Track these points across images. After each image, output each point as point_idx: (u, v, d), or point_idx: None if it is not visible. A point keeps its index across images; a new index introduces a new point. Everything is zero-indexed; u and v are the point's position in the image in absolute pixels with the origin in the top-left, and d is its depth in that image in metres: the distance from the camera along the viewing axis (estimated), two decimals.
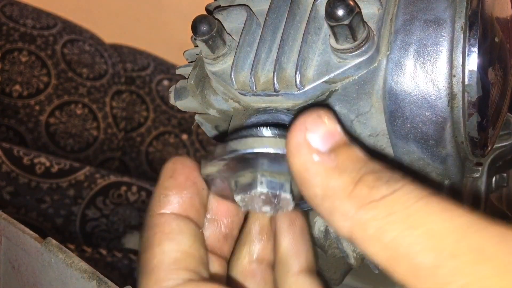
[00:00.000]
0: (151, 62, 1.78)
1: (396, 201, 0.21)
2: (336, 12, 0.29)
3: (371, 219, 0.21)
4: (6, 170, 1.17)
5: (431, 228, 0.20)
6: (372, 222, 0.21)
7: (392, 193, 0.21)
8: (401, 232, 0.20)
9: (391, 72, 0.32)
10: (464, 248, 0.19)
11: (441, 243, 0.20)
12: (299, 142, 0.24)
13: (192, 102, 0.39)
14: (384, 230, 0.21)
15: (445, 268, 0.19)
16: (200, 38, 0.34)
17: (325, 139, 0.24)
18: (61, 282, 0.47)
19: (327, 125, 0.24)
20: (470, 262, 0.19)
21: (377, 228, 0.21)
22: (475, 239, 0.20)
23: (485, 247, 0.19)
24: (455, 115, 0.32)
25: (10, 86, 1.44)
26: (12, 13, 1.53)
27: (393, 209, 0.21)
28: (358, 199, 0.22)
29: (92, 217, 1.22)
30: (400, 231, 0.20)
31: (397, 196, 0.21)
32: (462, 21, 0.32)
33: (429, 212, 0.21)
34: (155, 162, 1.64)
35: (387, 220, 0.21)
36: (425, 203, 0.21)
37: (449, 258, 0.19)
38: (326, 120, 0.24)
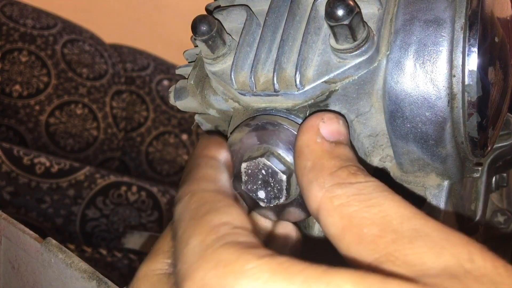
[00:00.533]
0: (151, 62, 1.78)
1: (366, 187, 0.25)
2: (336, 12, 0.29)
3: (340, 194, 0.25)
4: (6, 170, 1.17)
5: (383, 210, 0.24)
6: (340, 196, 0.25)
7: (365, 181, 0.25)
8: (360, 208, 0.24)
9: (391, 72, 0.32)
10: (405, 227, 0.23)
11: (388, 221, 0.23)
12: (312, 125, 0.29)
13: (192, 102, 0.39)
14: (347, 205, 0.25)
15: (385, 238, 0.23)
16: (200, 38, 0.34)
17: (332, 133, 0.29)
18: (61, 282, 0.47)
19: (338, 126, 0.29)
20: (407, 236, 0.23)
21: (342, 201, 0.25)
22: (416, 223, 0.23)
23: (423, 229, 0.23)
24: (455, 115, 0.32)
25: (10, 86, 1.44)
26: (12, 13, 1.53)
27: (361, 191, 0.25)
28: (337, 178, 0.26)
29: (92, 217, 1.22)
30: (360, 207, 0.24)
31: (368, 184, 0.25)
32: (462, 21, 0.32)
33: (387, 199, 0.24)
34: (155, 162, 1.64)
35: (353, 197, 0.25)
36: (386, 194, 0.25)
37: (390, 232, 0.23)
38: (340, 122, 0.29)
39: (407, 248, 0.22)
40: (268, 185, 0.32)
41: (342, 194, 0.25)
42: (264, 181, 0.32)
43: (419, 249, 0.22)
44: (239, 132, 0.33)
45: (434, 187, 0.35)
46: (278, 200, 0.32)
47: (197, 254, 0.24)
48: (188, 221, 0.26)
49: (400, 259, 0.22)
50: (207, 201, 0.28)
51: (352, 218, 0.24)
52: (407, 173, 0.35)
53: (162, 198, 1.32)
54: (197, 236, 0.25)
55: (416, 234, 0.23)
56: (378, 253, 0.23)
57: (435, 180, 0.35)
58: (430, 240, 0.22)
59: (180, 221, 0.27)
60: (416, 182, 0.35)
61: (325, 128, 0.29)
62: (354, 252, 0.24)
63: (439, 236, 0.23)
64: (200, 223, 0.26)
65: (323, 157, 0.27)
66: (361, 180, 0.26)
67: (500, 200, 0.54)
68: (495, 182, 0.48)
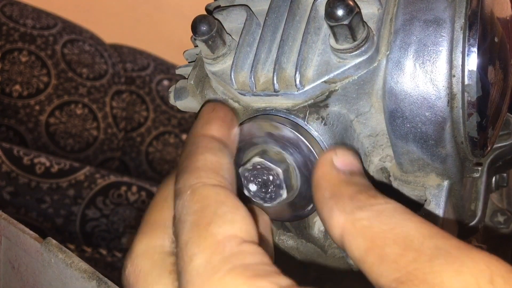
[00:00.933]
0: (151, 62, 1.78)
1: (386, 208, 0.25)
2: (336, 12, 0.29)
3: (362, 217, 0.25)
4: (6, 170, 1.17)
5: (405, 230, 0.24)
6: (363, 219, 0.25)
7: (385, 203, 0.26)
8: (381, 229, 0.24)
9: (391, 72, 0.32)
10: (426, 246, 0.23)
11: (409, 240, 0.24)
12: (325, 158, 0.29)
13: (192, 102, 0.39)
14: (370, 226, 0.25)
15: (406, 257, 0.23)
16: (200, 38, 0.34)
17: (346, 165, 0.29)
18: (61, 282, 0.47)
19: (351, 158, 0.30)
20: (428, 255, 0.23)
21: (364, 224, 0.25)
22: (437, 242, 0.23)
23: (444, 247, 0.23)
24: (455, 115, 0.32)
25: (10, 86, 1.44)
26: (12, 13, 1.53)
27: (382, 213, 0.25)
28: (357, 201, 0.26)
29: (92, 217, 1.22)
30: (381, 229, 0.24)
31: (388, 206, 0.26)
32: (461, 21, 0.32)
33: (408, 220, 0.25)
34: (155, 162, 1.64)
35: (375, 219, 0.25)
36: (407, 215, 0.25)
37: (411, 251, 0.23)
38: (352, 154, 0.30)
39: (427, 267, 0.22)
40: (268, 183, 0.32)
41: (364, 217, 0.25)
42: (263, 180, 0.32)
43: (439, 267, 0.22)
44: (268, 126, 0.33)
45: (434, 187, 0.35)
46: (280, 197, 0.32)
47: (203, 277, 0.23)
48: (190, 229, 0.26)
49: (419, 277, 0.22)
50: (210, 203, 0.26)
51: (375, 239, 0.24)
52: (407, 173, 0.35)
53: None
54: (202, 253, 0.24)
55: (437, 252, 0.23)
56: (398, 272, 0.23)
57: (435, 180, 0.35)
58: (451, 257, 0.22)
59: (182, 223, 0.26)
60: (416, 182, 0.35)
61: (338, 161, 0.29)
62: (376, 272, 0.24)
63: (460, 253, 0.23)
64: (204, 235, 0.25)
65: (341, 185, 0.28)
66: (381, 202, 0.26)
67: (500, 200, 0.54)
68: (495, 182, 0.48)
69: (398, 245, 0.23)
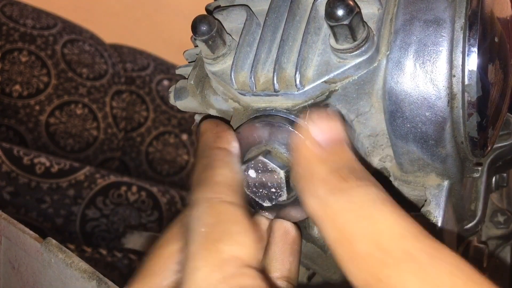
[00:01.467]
0: (151, 62, 1.78)
1: (358, 194, 0.25)
2: (336, 12, 0.29)
3: (332, 202, 0.25)
4: (6, 170, 1.17)
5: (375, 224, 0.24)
6: (332, 205, 0.25)
7: (357, 187, 0.25)
8: (351, 219, 0.24)
9: (391, 72, 0.32)
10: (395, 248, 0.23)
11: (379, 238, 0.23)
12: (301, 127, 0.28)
13: (192, 102, 0.39)
14: (340, 215, 0.24)
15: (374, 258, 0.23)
16: (200, 38, 0.34)
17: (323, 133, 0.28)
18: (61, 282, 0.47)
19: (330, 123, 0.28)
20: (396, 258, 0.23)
21: (334, 211, 0.25)
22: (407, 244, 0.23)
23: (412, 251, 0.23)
24: (455, 115, 0.32)
25: (10, 86, 1.44)
26: (12, 13, 1.53)
27: (352, 199, 0.24)
28: (328, 185, 0.26)
29: (92, 217, 1.22)
30: (351, 218, 0.24)
31: (360, 190, 0.25)
32: (462, 21, 0.32)
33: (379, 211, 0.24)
34: (155, 162, 1.64)
35: (344, 206, 0.24)
36: (380, 203, 0.24)
37: (380, 251, 0.23)
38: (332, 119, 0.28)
39: (393, 271, 0.22)
40: (269, 183, 0.32)
41: (334, 203, 0.25)
42: (264, 180, 0.32)
43: (405, 274, 0.22)
44: (237, 135, 0.33)
45: (434, 187, 0.35)
46: (280, 198, 0.32)
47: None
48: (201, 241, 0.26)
49: (384, 282, 0.22)
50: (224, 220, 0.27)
51: (344, 231, 0.24)
52: (407, 173, 0.35)
53: (162, 198, 1.32)
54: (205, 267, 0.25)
55: (405, 256, 0.23)
56: (367, 274, 0.23)
57: (435, 180, 0.35)
58: (417, 265, 0.22)
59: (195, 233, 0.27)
60: (416, 182, 0.35)
61: (316, 129, 0.28)
62: (345, 267, 0.24)
63: (427, 261, 0.22)
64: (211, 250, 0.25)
65: (315, 162, 0.27)
66: (353, 185, 0.25)
67: (500, 200, 0.54)
68: (495, 182, 0.48)
69: (367, 243, 0.23)
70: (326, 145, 0.27)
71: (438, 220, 0.34)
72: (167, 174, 1.65)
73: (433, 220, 0.34)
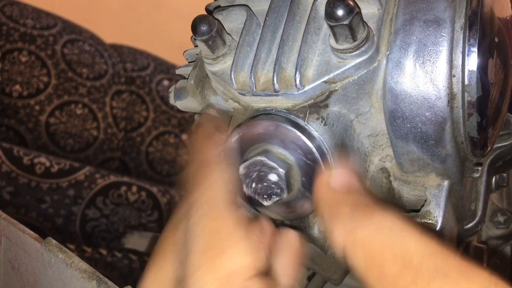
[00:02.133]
0: (151, 62, 1.78)
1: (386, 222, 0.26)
2: (336, 12, 0.29)
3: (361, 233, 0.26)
4: (6, 170, 1.17)
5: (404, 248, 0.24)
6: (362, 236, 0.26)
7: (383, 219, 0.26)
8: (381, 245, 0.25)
9: (391, 72, 0.32)
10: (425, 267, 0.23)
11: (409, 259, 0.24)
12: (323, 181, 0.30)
13: (192, 102, 0.39)
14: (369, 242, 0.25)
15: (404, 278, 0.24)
16: (200, 38, 0.34)
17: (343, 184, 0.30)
18: (61, 282, 0.47)
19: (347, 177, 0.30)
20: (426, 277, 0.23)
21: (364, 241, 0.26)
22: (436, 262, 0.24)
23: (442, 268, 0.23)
24: (455, 115, 0.32)
25: (10, 86, 1.44)
26: (12, 13, 1.53)
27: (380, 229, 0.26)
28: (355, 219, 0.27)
29: (92, 217, 1.22)
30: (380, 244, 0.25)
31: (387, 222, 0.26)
32: (462, 21, 0.32)
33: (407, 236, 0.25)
34: (155, 162, 1.64)
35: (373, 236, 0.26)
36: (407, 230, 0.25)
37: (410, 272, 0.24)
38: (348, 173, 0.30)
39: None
40: (269, 182, 0.32)
41: (363, 234, 0.26)
42: (264, 179, 0.32)
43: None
44: (237, 134, 0.33)
45: (434, 187, 0.35)
46: (280, 197, 0.32)
47: None
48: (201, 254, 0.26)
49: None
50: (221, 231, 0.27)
51: (374, 257, 0.25)
52: (407, 173, 0.35)
53: (162, 198, 1.32)
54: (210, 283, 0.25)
55: (435, 274, 0.23)
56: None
57: (435, 180, 0.35)
58: (448, 280, 0.23)
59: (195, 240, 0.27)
60: (416, 182, 0.35)
61: (335, 182, 0.30)
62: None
63: (458, 277, 0.23)
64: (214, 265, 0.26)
65: (338, 205, 0.28)
66: (379, 217, 0.26)
67: (500, 200, 0.54)
68: (495, 182, 0.48)
69: (397, 264, 0.24)
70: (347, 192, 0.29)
71: (438, 220, 0.34)
72: (167, 174, 1.65)
73: (433, 220, 0.34)
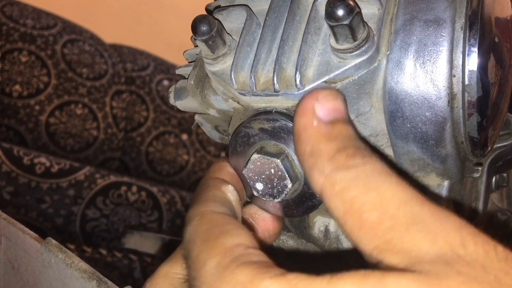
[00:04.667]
0: (151, 62, 1.78)
1: (364, 170, 0.26)
2: (336, 12, 0.29)
3: (340, 179, 0.26)
4: (6, 170, 1.17)
5: (381, 194, 0.25)
6: (340, 181, 0.26)
7: (363, 164, 0.26)
8: (359, 193, 0.25)
9: (391, 72, 0.32)
10: (402, 213, 0.24)
11: (385, 205, 0.24)
12: (307, 107, 0.29)
13: (192, 102, 0.39)
14: (347, 189, 0.26)
15: (383, 224, 0.24)
16: (200, 38, 0.34)
17: (328, 112, 0.29)
18: (61, 282, 0.47)
19: (334, 103, 0.29)
20: (404, 222, 0.24)
21: (342, 186, 0.26)
22: (412, 208, 0.24)
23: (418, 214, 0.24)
24: (455, 115, 0.32)
25: (10, 86, 1.44)
26: (12, 13, 1.53)
27: (359, 175, 0.26)
28: (335, 162, 0.27)
29: (92, 217, 1.22)
30: (358, 192, 0.25)
31: (366, 167, 0.26)
32: (462, 21, 0.32)
33: (384, 183, 0.25)
34: (155, 162, 1.64)
35: (352, 182, 0.26)
36: (384, 176, 0.26)
37: (388, 218, 0.24)
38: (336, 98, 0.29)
39: (404, 235, 0.23)
40: (272, 177, 0.32)
41: (341, 179, 0.26)
42: (266, 176, 0.32)
43: (415, 236, 0.23)
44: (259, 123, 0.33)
45: (434, 187, 0.35)
46: (287, 188, 0.33)
47: (215, 275, 0.25)
48: (201, 244, 0.28)
49: (398, 246, 0.23)
50: (217, 224, 0.29)
51: (353, 203, 0.25)
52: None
53: (162, 198, 1.32)
54: (213, 258, 0.26)
55: (412, 220, 0.24)
56: (377, 240, 0.24)
57: (435, 180, 0.35)
58: (425, 226, 0.24)
59: (193, 243, 0.28)
60: (416, 182, 0.35)
61: (320, 108, 0.29)
62: (356, 237, 0.25)
63: (434, 222, 0.24)
64: (215, 245, 0.27)
65: (321, 141, 0.28)
66: (359, 162, 0.26)
67: (500, 200, 0.54)
68: (495, 182, 0.48)
69: (375, 211, 0.24)
70: (331, 123, 0.29)
71: None
72: (167, 174, 1.65)
73: None
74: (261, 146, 0.33)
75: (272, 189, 0.33)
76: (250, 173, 0.33)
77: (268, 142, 0.33)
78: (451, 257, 0.22)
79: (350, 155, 0.27)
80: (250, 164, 0.32)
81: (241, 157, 0.34)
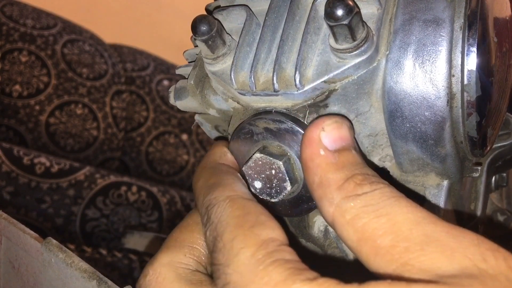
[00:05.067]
0: (151, 62, 1.78)
1: (373, 197, 0.26)
2: (336, 12, 0.29)
3: (350, 207, 0.26)
4: (6, 170, 1.17)
5: (392, 218, 0.25)
6: (351, 210, 0.26)
7: (372, 191, 0.26)
8: (370, 219, 0.25)
9: (390, 72, 0.32)
10: (415, 234, 0.24)
11: (398, 229, 0.24)
12: (313, 136, 0.29)
13: (192, 102, 0.39)
14: (358, 217, 0.26)
15: (398, 247, 0.24)
16: (200, 38, 0.34)
17: (334, 141, 0.29)
18: (61, 282, 0.47)
19: (340, 132, 0.29)
20: (418, 243, 0.24)
21: (353, 215, 0.26)
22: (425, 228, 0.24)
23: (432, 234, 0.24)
24: (454, 114, 0.32)
25: (10, 86, 1.44)
26: (12, 13, 1.53)
27: (368, 202, 0.26)
28: (344, 191, 0.27)
29: (92, 217, 1.22)
30: (369, 219, 0.25)
31: (375, 193, 0.26)
32: (461, 21, 0.32)
33: (394, 207, 0.26)
34: (155, 162, 1.64)
35: (362, 209, 0.26)
36: (393, 200, 0.26)
37: (402, 240, 0.24)
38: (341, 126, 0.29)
39: (421, 255, 0.23)
40: (272, 177, 0.32)
41: (352, 208, 0.26)
42: (266, 175, 0.32)
43: (432, 255, 0.23)
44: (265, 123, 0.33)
45: (433, 187, 0.35)
46: (285, 190, 0.33)
47: (249, 267, 0.26)
48: (235, 229, 0.28)
49: (416, 266, 0.23)
50: (250, 212, 0.29)
51: (365, 231, 0.25)
52: (406, 172, 0.35)
53: (162, 198, 1.32)
54: (248, 248, 0.26)
55: (427, 239, 0.24)
56: (394, 263, 0.24)
57: (434, 179, 0.35)
58: (441, 244, 0.23)
59: (225, 226, 0.28)
60: (416, 181, 0.35)
61: (326, 138, 0.29)
62: (373, 264, 0.25)
63: (449, 239, 0.24)
64: (250, 235, 0.27)
65: (328, 171, 0.28)
66: (367, 190, 0.27)
67: (500, 200, 0.54)
68: (495, 182, 0.48)
69: (388, 235, 0.24)
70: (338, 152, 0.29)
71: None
72: (167, 174, 1.65)
73: None
74: (264, 146, 0.33)
75: (270, 189, 0.33)
76: (250, 171, 0.33)
77: (272, 142, 0.33)
78: (473, 271, 0.22)
79: (358, 183, 0.27)
80: (251, 162, 0.33)
81: (242, 153, 0.34)
